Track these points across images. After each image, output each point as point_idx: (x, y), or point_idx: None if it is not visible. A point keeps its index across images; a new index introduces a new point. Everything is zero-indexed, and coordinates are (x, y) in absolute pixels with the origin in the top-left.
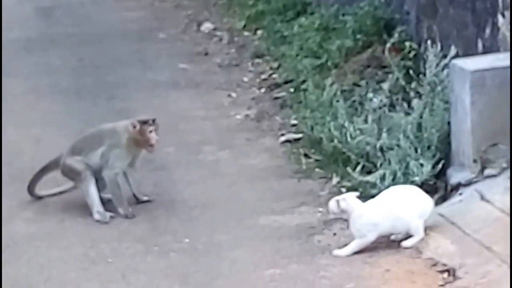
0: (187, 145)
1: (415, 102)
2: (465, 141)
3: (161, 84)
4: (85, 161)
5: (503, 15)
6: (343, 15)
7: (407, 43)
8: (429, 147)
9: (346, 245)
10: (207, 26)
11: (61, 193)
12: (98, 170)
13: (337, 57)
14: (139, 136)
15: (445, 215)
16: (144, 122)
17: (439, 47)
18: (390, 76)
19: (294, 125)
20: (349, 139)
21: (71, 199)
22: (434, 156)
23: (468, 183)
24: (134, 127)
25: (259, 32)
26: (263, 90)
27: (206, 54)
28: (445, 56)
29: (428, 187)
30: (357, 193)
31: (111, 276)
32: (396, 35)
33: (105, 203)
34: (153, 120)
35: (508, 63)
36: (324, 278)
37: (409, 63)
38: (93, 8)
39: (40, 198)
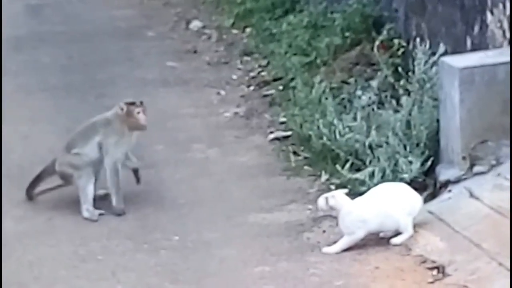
0: (176, 143)
1: (404, 99)
2: (454, 138)
3: (150, 82)
4: (81, 153)
5: (492, 12)
6: (332, 12)
7: (396, 41)
8: (418, 145)
9: (335, 242)
10: (195, 24)
11: (59, 186)
12: (96, 163)
13: (326, 55)
14: (128, 117)
15: (434, 212)
16: (131, 104)
17: (427, 45)
18: (378, 73)
19: (283, 122)
20: (338, 136)
21: (60, 197)
22: (423, 153)
23: (457, 180)
24: (122, 109)
25: (247, 30)
26: (252, 87)
27: (195, 52)
28: (433, 54)
29: (417, 185)
30: (346, 190)
31: (100, 274)
32: (384, 32)
33: (96, 200)
34: (141, 102)
35: (497, 60)
36: (314, 275)
37: (398, 60)
38: (82, 6)
39: (37, 195)
